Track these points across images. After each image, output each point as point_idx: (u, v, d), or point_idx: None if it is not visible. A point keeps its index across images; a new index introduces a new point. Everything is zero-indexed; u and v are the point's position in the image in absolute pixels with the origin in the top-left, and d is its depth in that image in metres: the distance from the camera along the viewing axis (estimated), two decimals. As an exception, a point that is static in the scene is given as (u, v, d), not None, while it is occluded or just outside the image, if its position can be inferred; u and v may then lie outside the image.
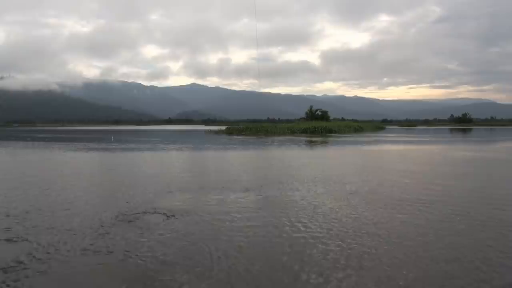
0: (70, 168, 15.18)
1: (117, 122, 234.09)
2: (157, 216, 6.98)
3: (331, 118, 75.95)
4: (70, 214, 7.10)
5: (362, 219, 6.78)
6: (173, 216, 7.00)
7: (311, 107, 75.65)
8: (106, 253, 5.03)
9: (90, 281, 4.28)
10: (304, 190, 9.69)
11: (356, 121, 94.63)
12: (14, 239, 5.63)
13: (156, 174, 13.22)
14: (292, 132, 52.27)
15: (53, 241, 5.48)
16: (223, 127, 64.62)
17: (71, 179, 11.91)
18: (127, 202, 8.16)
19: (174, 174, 13.09)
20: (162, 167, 15.74)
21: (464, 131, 70.90)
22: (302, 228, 6.18)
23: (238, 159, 19.48)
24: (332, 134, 48.71)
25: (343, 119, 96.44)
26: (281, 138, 40.55)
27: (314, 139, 38.68)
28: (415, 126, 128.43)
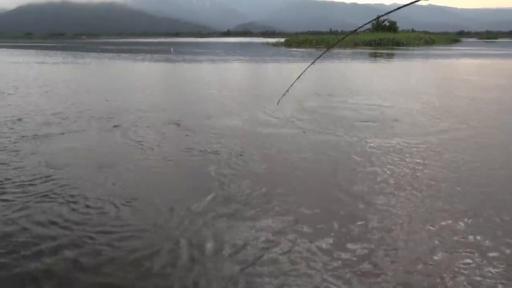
0: (136, 78, 15.47)
1: (177, 34, 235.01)
2: (213, 120, 6.86)
3: (399, 29, 69.67)
4: (133, 118, 7.18)
5: (442, 135, 6.10)
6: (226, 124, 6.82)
7: (378, 17, 69.47)
8: (163, 148, 5.00)
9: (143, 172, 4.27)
10: (373, 102, 8.99)
11: (427, 33, 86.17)
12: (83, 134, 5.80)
13: (216, 83, 13.04)
14: (355, 44, 48.97)
15: (122, 136, 5.59)
16: (282, 39, 62.12)
17: (137, 87, 12.11)
18: (186, 112, 8.10)
19: (231, 85, 12.84)
20: (221, 78, 15.53)
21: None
22: (373, 139, 5.72)
23: (299, 71, 18.68)
24: (400, 47, 44.97)
25: (413, 31, 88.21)
26: (343, 51, 38.22)
27: (379, 51, 36.00)
28: (496, 38, 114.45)
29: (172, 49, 41.74)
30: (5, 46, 49.66)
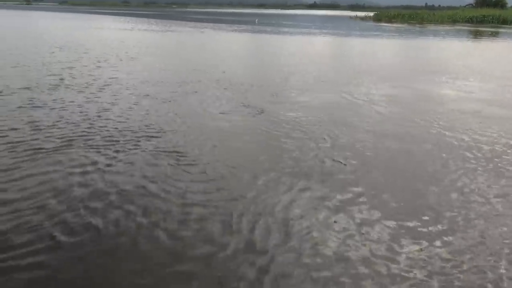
0: (238, 48, 16.32)
1: (261, 5, 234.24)
2: (295, 92, 7.32)
3: (508, 5, 62.35)
4: (242, 88, 7.91)
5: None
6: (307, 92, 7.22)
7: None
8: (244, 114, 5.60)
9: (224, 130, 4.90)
10: (472, 86, 8.74)
11: (542, 10, 75.84)
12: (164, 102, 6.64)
13: (306, 57, 13.35)
14: (454, 21, 45.24)
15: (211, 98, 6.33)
16: (371, 13, 59.47)
17: (227, 58, 12.91)
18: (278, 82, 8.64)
19: (316, 60, 13.04)
20: (312, 52, 15.74)
21: None
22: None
23: (386, 48, 18.16)
24: (507, 25, 40.56)
25: (524, 7, 78.21)
26: (439, 27, 35.63)
27: (481, 29, 32.96)
28: None
29: (256, 20, 42.26)
30: (107, 13, 54.02)
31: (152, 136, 4.80)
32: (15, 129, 4.84)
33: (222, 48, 15.62)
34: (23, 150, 4.19)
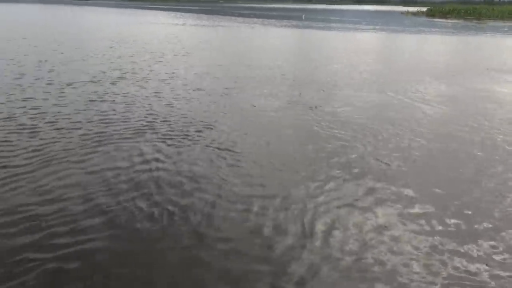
0: (274, 43, 16.39)
1: (309, 0, 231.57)
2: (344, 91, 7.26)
3: None
4: (271, 87, 7.99)
5: None
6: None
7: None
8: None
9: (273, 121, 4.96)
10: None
11: None
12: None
13: (344, 51, 13.14)
14: (517, 16, 42.38)
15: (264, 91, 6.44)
16: (424, 8, 57.15)
17: (278, 54, 12.97)
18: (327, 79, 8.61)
19: (356, 57, 12.77)
20: (350, 48, 15.46)
21: None
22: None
23: (441, 45, 17.43)
24: None
25: None
26: (499, 24, 33.57)
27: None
28: None
29: (303, 16, 41.88)
30: (159, 9, 55.73)
31: (207, 129, 5.04)
32: (86, 120, 5.20)
33: (273, 44, 15.69)
34: (94, 141, 4.50)
